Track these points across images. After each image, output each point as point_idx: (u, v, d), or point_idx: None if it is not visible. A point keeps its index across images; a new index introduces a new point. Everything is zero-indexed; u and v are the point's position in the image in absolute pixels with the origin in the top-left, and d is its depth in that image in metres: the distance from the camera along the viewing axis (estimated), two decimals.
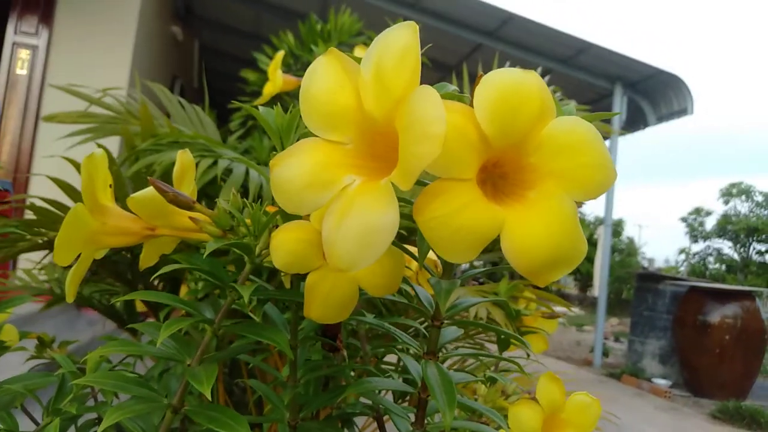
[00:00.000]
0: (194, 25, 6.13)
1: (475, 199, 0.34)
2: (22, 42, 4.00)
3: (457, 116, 0.33)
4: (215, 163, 1.11)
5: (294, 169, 0.38)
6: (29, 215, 0.98)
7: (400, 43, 0.34)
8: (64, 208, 0.97)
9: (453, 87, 0.42)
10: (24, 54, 4.00)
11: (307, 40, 1.96)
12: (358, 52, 1.17)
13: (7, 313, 0.66)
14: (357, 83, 0.37)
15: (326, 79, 0.39)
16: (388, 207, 0.32)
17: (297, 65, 1.96)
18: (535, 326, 0.90)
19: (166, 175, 1.06)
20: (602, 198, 6.63)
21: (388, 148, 0.35)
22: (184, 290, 1.08)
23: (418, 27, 0.34)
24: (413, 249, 0.48)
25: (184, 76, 5.98)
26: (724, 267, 18.39)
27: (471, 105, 0.34)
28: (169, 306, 0.91)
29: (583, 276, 18.07)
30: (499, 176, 0.37)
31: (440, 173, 0.33)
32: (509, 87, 0.34)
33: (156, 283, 1.18)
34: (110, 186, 0.48)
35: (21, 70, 3.99)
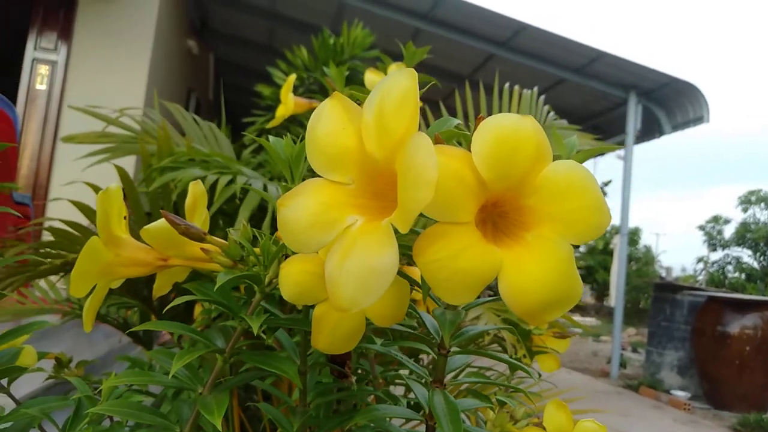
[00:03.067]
0: (209, 38, 6.22)
1: (473, 242, 0.35)
2: (41, 58, 4.09)
3: (455, 161, 0.35)
4: (232, 180, 1.13)
5: (299, 210, 0.39)
6: (47, 236, 1.01)
7: (400, 88, 0.36)
8: (82, 229, 1.00)
9: (457, 121, 0.43)
10: (43, 69, 4.09)
11: (320, 55, 1.98)
12: (369, 75, 1.19)
13: (26, 334, 0.67)
14: (359, 126, 0.39)
15: (330, 122, 0.40)
16: (388, 249, 0.34)
17: (310, 80, 1.99)
18: (547, 346, 0.89)
19: (185, 193, 1.08)
20: (618, 207, 6.57)
21: (388, 187, 0.37)
22: (198, 309, 1.09)
23: (416, 74, 0.36)
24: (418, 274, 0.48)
25: (199, 89, 6.06)
26: (743, 276, 18.10)
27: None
28: None
29: (600, 285, 17.90)
30: (498, 215, 0.38)
31: (439, 217, 0.34)
32: (505, 132, 0.35)
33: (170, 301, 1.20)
34: (125, 218, 0.50)
35: (40, 86, 4.07)
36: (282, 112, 1.29)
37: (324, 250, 0.47)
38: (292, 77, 1.33)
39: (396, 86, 0.36)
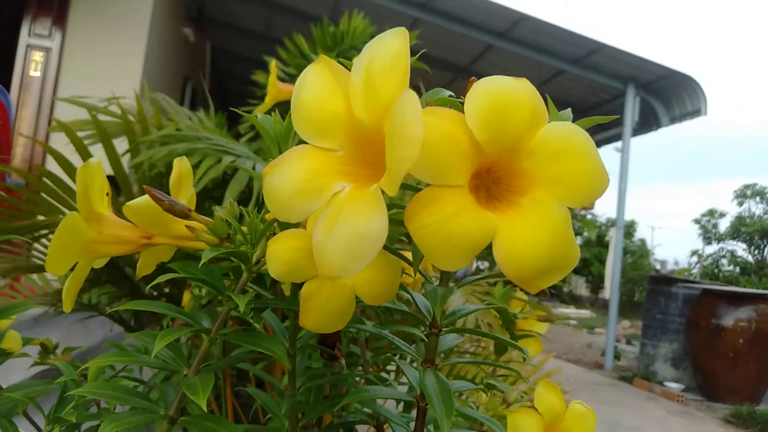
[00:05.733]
0: (206, 26, 6.17)
1: (466, 206, 0.33)
2: (35, 44, 4.05)
3: (448, 123, 0.33)
4: (220, 161, 1.11)
5: (285, 177, 0.38)
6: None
7: (390, 49, 0.34)
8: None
9: (448, 93, 0.42)
10: (37, 56, 4.05)
11: (320, 44, 1.96)
12: None
13: (10, 319, 0.66)
14: (347, 90, 0.37)
15: (316, 87, 0.39)
16: (377, 214, 0.32)
17: None
18: (529, 329, 0.89)
19: (169, 167, 1.07)
20: (614, 199, 6.58)
21: (377, 154, 0.35)
22: (187, 296, 1.08)
23: (408, 33, 0.34)
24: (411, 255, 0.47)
25: (195, 77, 6.01)
26: (737, 269, 18.17)
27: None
28: None
29: (595, 278, 17.94)
30: (492, 182, 0.37)
31: (431, 180, 0.33)
32: (500, 93, 0.34)
33: (160, 289, 1.19)
34: (107, 194, 0.48)
35: (34, 72, 4.03)
36: (270, 99, 1.29)
37: (312, 224, 0.46)
38: (273, 63, 1.33)
39: (386, 47, 0.35)
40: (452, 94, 0.41)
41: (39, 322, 2.36)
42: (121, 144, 1.18)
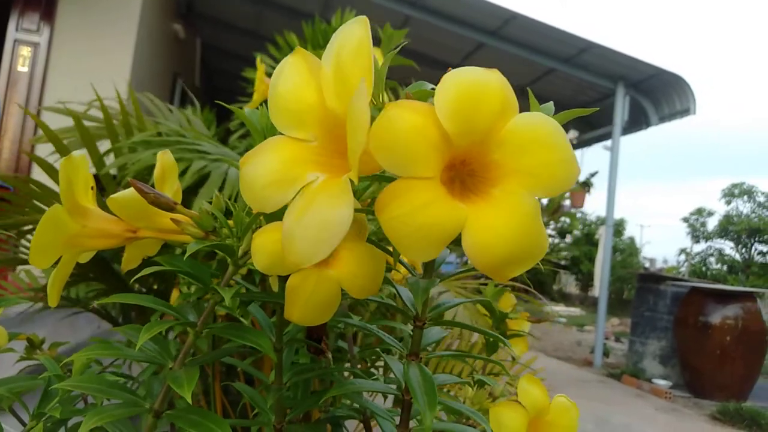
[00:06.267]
0: (196, 22, 6.13)
1: (436, 197, 0.34)
2: (23, 39, 4.00)
3: (417, 116, 0.33)
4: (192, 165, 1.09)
5: (260, 168, 0.39)
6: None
7: (355, 38, 0.35)
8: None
9: (431, 86, 0.42)
10: (25, 51, 4.01)
11: (311, 41, 1.95)
12: None
13: None
14: (320, 80, 0.38)
15: (291, 78, 0.39)
16: (343, 202, 0.33)
17: None
18: (516, 328, 0.89)
19: (139, 176, 1.06)
20: (603, 197, 6.61)
21: None
22: (175, 294, 1.08)
23: (368, 20, 0.36)
24: None
25: (185, 73, 5.98)
26: (725, 267, 18.34)
27: None
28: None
29: (585, 275, 18.03)
30: (467, 174, 0.37)
31: (401, 172, 0.33)
32: (469, 85, 0.34)
33: (149, 285, 1.18)
34: (92, 188, 0.48)
35: (22, 68, 3.99)
36: (258, 96, 1.28)
37: None
38: (260, 59, 1.33)
39: (351, 36, 0.36)
40: (435, 87, 0.41)
41: (25, 318, 2.34)
42: (103, 145, 1.17)
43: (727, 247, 18.73)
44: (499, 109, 0.34)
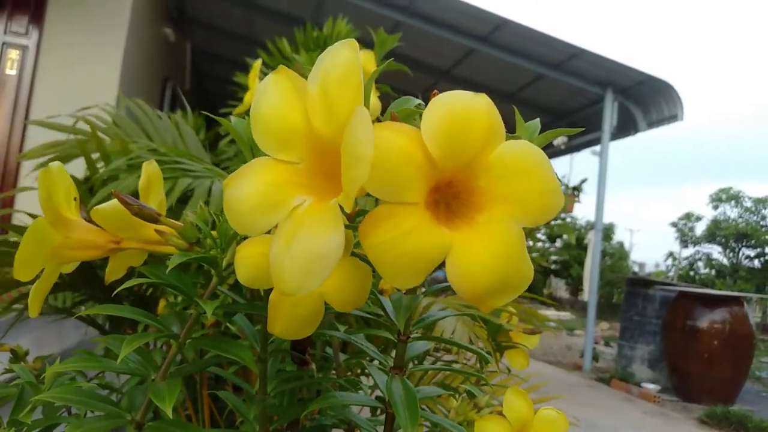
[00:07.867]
0: (187, 27, 6.11)
1: (420, 223, 0.33)
2: (11, 42, 3.97)
3: (403, 138, 0.33)
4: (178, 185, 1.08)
5: (244, 190, 0.37)
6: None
7: (342, 59, 0.34)
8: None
9: (417, 101, 0.42)
10: (14, 54, 3.97)
11: (303, 47, 1.95)
12: None
13: None
14: (306, 102, 0.37)
15: (276, 98, 0.38)
16: (333, 231, 0.32)
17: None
18: (517, 341, 0.88)
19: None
20: (593, 202, 6.65)
21: (337, 166, 0.35)
22: (162, 304, 1.07)
23: (357, 44, 0.34)
24: None
25: (176, 78, 5.95)
26: (713, 272, 18.48)
27: None
28: None
29: (575, 280, 18.12)
30: (452, 196, 0.36)
31: (385, 197, 0.33)
32: (456, 110, 0.33)
33: (137, 291, 1.17)
34: (75, 199, 0.48)
35: (11, 71, 3.95)
36: (249, 98, 1.27)
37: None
38: (258, 62, 1.31)
39: (338, 58, 0.34)
40: (421, 103, 0.41)
41: (13, 327, 2.32)
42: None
43: (715, 251, 18.90)
44: (485, 135, 0.34)
